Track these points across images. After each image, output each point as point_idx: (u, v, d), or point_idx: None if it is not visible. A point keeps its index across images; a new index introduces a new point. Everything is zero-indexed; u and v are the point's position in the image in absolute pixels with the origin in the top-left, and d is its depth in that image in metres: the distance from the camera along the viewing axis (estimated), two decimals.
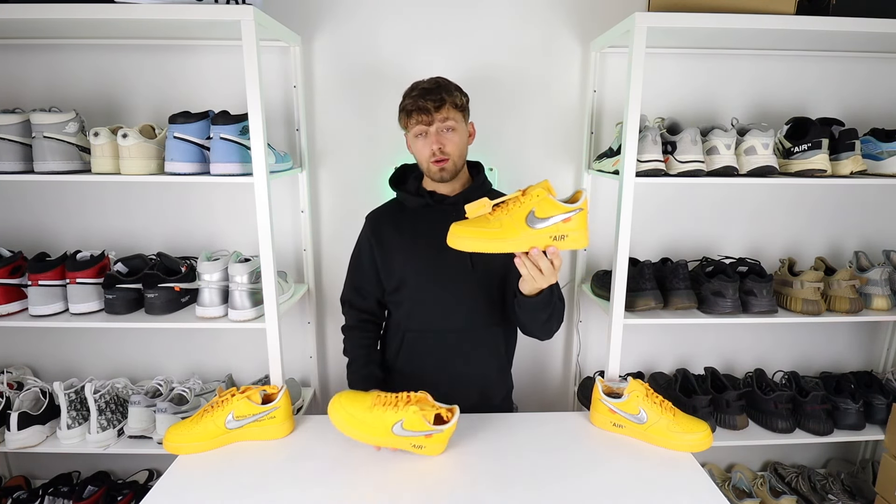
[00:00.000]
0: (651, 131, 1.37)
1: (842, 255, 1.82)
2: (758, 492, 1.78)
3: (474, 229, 1.01)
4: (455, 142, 1.24)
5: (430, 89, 1.22)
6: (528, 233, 1.00)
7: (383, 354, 1.41)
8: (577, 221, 1.00)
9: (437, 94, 1.21)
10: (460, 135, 1.25)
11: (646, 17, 1.25)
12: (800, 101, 1.70)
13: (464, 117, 1.27)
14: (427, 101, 1.21)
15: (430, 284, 1.29)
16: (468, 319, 1.30)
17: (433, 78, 1.27)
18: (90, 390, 1.48)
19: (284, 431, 1.20)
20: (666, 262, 1.64)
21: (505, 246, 1.01)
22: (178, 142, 1.32)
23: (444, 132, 1.23)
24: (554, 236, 1.00)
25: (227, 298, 1.42)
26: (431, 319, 1.30)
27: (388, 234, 1.32)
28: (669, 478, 1.05)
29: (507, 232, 1.00)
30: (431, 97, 1.21)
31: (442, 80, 1.27)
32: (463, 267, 1.27)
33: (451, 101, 1.22)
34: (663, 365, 1.90)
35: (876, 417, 1.61)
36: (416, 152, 1.28)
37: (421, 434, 1.06)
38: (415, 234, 1.30)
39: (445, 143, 1.23)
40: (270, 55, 1.60)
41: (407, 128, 1.27)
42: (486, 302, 1.31)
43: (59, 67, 1.60)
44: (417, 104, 1.21)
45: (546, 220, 0.99)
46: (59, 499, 1.66)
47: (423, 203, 1.30)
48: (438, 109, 1.21)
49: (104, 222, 1.70)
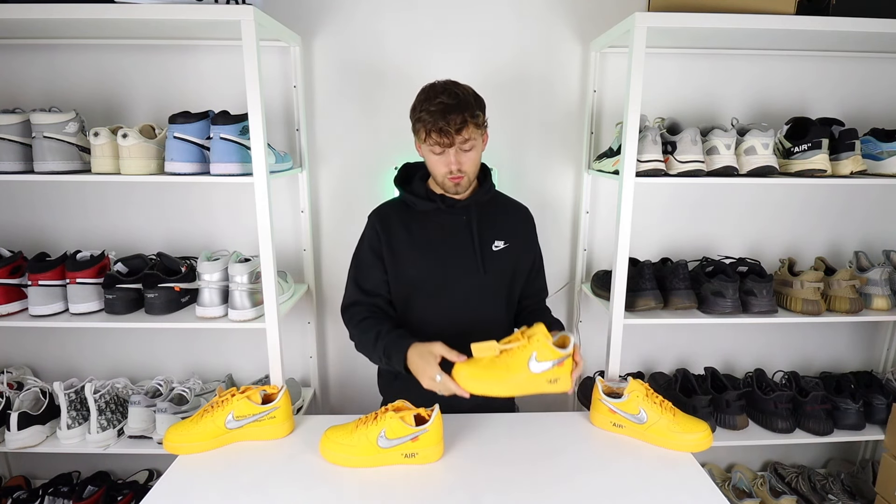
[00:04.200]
0: (651, 131, 1.37)
1: (842, 255, 1.82)
2: (758, 492, 1.78)
3: (483, 372, 1.07)
4: (473, 158, 1.21)
5: (450, 106, 1.14)
6: (529, 376, 1.06)
7: None
8: (566, 365, 1.08)
9: (460, 113, 1.14)
10: (477, 150, 1.22)
11: (646, 17, 1.25)
12: (800, 101, 1.71)
13: (483, 132, 1.23)
14: (448, 122, 1.14)
15: (440, 287, 1.28)
16: (475, 322, 1.28)
17: (450, 86, 1.18)
18: (90, 390, 1.48)
19: (284, 431, 1.20)
20: (666, 262, 1.64)
21: (510, 389, 1.08)
22: (178, 142, 1.32)
23: (462, 151, 1.20)
24: (550, 380, 1.08)
25: (227, 298, 1.42)
26: (438, 321, 1.29)
27: (396, 232, 1.29)
28: (669, 478, 1.05)
29: (513, 374, 1.06)
30: (454, 118, 1.14)
31: (461, 91, 1.18)
32: (473, 270, 1.26)
33: (473, 123, 1.16)
34: (663, 365, 1.90)
35: (876, 417, 1.61)
36: (432, 166, 1.24)
37: (406, 439, 1.06)
38: (425, 235, 1.28)
39: (464, 162, 1.20)
40: (270, 55, 1.60)
41: (423, 140, 1.21)
42: (494, 305, 1.31)
43: (59, 67, 1.60)
44: (438, 125, 1.14)
45: (544, 364, 1.06)
46: (59, 499, 1.66)
47: (433, 207, 1.28)
48: (460, 132, 1.15)
49: (104, 222, 1.70)
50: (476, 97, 1.22)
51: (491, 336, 1.16)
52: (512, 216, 1.36)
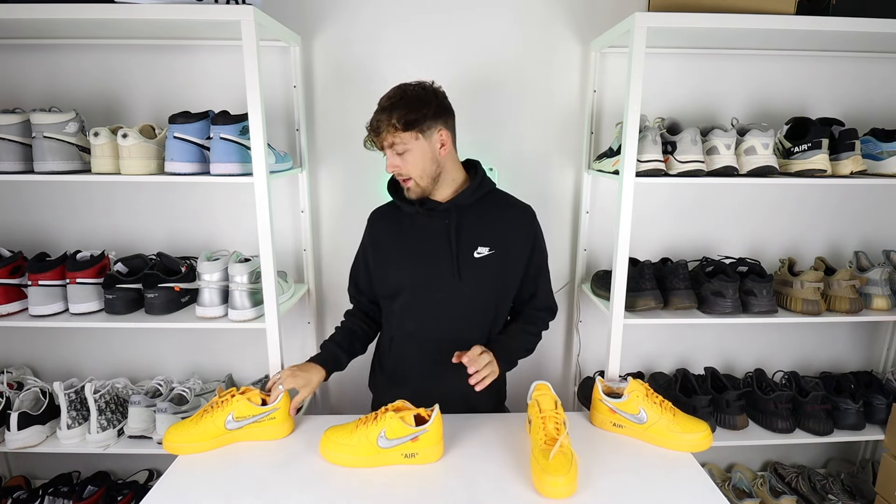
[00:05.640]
0: (651, 131, 1.37)
1: (842, 255, 1.82)
2: (758, 492, 1.78)
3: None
4: (411, 161, 1.19)
5: (382, 108, 1.18)
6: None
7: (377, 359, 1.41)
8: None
9: (385, 115, 1.16)
10: (416, 153, 1.18)
11: (646, 17, 1.25)
12: (800, 101, 1.71)
13: (417, 135, 1.17)
14: (374, 124, 1.18)
15: (420, 291, 1.27)
16: (456, 329, 1.28)
17: (399, 88, 1.20)
18: (90, 390, 1.48)
19: (284, 432, 1.19)
20: (666, 262, 1.63)
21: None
22: (178, 142, 1.32)
23: (396, 154, 1.19)
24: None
25: (227, 298, 1.42)
26: (419, 327, 1.29)
27: (383, 236, 1.32)
28: (669, 478, 1.05)
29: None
30: (379, 119, 1.17)
31: (398, 93, 1.18)
32: (449, 277, 1.24)
33: (391, 126, 1.16)
34: (663, 365, 1.90)
35: (876, 417, 1.61)
36: None
37: (406, 439, 1.06)
38: (407, 239, 1.29)
39: (400, 165, 1.20)
40: (270, 55, 1.60)
41: None
42: (474, 312, 1.28)
43: (59, 67, 1.60)
44: (371, 125, 1.19)
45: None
46: (59, 499, 1.66)
47: (414, 210, 1.27)
48: (378, 135, 1.18)
49: (104, 222, 1.70)
50: (420, 100, 1.17)
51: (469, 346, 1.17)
52: (508, 218, 1.29)
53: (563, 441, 1.02)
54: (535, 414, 1.10)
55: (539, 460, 1.00)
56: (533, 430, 1.10)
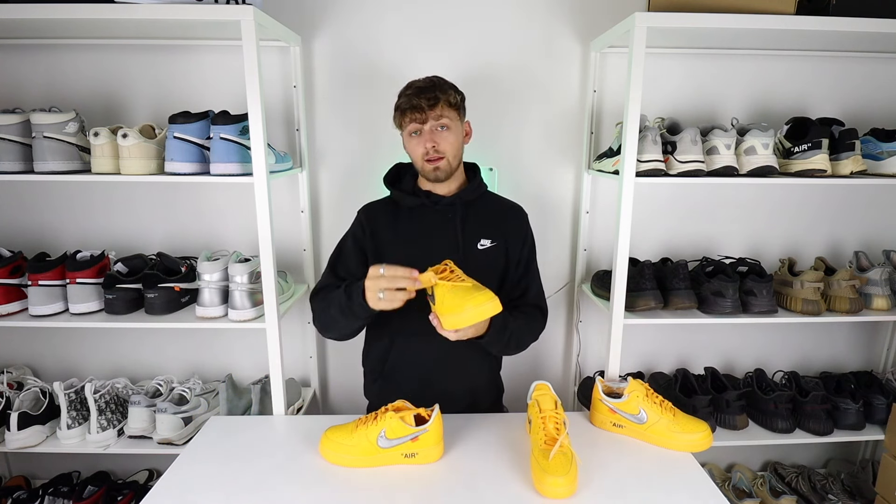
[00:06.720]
0: (651, 131, 1.37)
1: (842, 255, 1.82)
2: (758, 492, 1.78)
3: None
4: (450, 140, 1.23)
5: (424, 87, 1.22)
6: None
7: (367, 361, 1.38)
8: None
9: (432, 91, 1.21)
10: (455, 133, 1.24)
11: (646, 17, 1.25)
12: (800, 101, 1.71)
13: (459, 116, 1.26)
14: (421, 99, 1.20)
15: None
16: None
17: (428, 77, 1.26)
18: (90, 390, 1.48)
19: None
20: (666, 262, 1.64)
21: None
22: (178, 142, 1.32)
23: (437, 130, 1.22)
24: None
25: (227, 298, 1.42)
26: (420, 323, 1.29)
27: (382, 229, 1.30)
28: (669, 478, 1.05)
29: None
30: (426, 95, 1.20)
31: (437, 78, 1.26)
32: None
33: (445, 99, 1.21)
34: (663, 365, 1.90)
35: (876, 417, 1.61)
36: (411, 151, 1.27)
37: (407, 439, 1.06)
38: (409, 234, 1.29)
39: (439, 142, 1.22)
40: (270, 55, 1.60)
41: (402, 126, 1.26)
42: None
43: (59, 67, 1.60)
44: (412, 102, 1.20)
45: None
46: (59, 499, 1.66)
47: (418, 203, 1.29)
48: (432, 107, 1.20)
49: (104, 222, 1.70)
50: (452, 84, 1.26)
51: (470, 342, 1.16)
52: (504, 215, 1.35)
53: (563, 441, 1.02)
54: (535, 414, 1.10)
55: (539, 460, 1.00)
56: (533, 430, 1.10)
